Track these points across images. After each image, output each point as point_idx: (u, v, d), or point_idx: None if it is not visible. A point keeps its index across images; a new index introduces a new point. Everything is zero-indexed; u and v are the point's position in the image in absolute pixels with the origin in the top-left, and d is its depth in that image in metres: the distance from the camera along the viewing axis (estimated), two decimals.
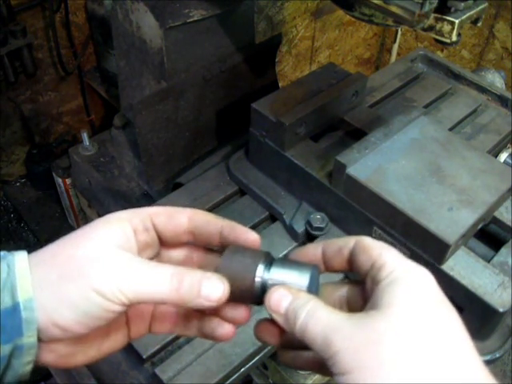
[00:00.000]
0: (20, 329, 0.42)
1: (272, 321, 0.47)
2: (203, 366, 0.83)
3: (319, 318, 0.41)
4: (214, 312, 0.50)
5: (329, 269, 0.49)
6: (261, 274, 0.47)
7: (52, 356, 0.46)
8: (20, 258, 0.44)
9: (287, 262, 0.49)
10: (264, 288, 0.47)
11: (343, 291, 0.49)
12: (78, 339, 0.46)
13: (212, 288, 0.45)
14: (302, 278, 0.46)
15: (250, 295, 0.47)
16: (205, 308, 0.46)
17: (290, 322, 0.43)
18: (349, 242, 0.47)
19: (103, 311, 0.43)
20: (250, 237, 0.50)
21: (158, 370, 0.83)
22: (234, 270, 0.47)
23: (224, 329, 0.49)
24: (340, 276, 0.89)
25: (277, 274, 0.47)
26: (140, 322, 0.53)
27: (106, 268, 0.44)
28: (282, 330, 0.47)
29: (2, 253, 0.45)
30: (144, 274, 0.45)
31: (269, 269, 0.47)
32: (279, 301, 0.44)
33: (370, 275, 0.44)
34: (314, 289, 0.47)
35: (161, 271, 0.45)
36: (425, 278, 0.43)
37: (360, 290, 0.47)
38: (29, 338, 0.43)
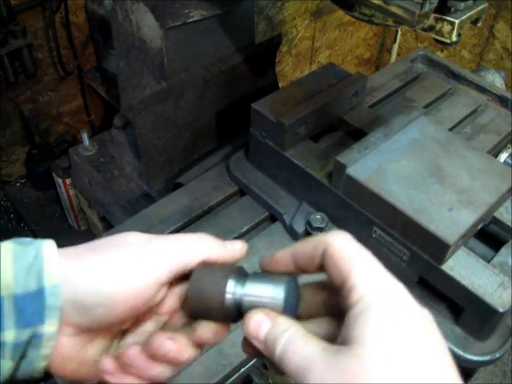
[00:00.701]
0: (42, 315, 0.41)
1: None
2: (203, 366, 0.83)
3: (295, 351, 0.40)
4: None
5: (305, 273, 0.47)
6: (232, 289, 0.45)
7: (54, 354, 0.44)
8: (48, 244, 0.44)
9: (261, 276, 0.46)
10: (238, 304, 0.45)
11: (325, 294, 0.47)
12: (81, 343, 0.45)
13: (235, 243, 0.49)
14: (277, 292, 0.44)
15: (222, 312, 0.45)
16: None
17: (269, 350, 0.42)
18: (318, 247, 0.44)
19: (129, 297, 0.44)
20: (220, 254, 0.50)
21: None
22: (204, 288, 0.45)
23: None
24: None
25: (251, 288, 0.45)
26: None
27: (133, 254, 0.45)
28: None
29: (26, 239, 0.45)
30: (184, 240, 0.47)
31: (242, 284, 0.45)
32: (258, 327, 0.43)
33: (341, 294, 0.41)
34: (293, 301, 0.45)
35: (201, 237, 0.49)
36: (398, 300, 0.39)
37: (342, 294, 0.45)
38: (50, 327, 0.42)
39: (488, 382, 1.83)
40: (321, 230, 0.97)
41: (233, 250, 0.49)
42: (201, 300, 0.45)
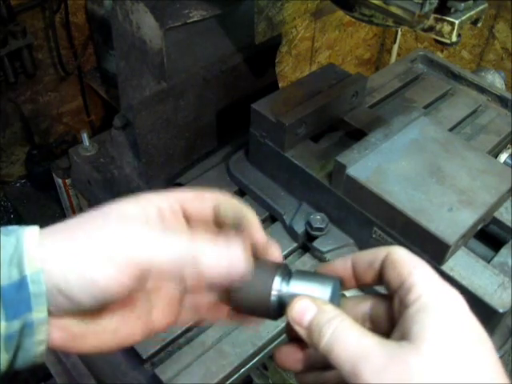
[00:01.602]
0: (28, 303, 0.40)
1: (293, 344, 0.45)
2: (203, 366, 0.83)
3: (347, 342, 0.38)
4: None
5: (360, 284, 0.46)
6: (278, 287, 0.44)
7: (62, 336, 0.43)
8: (30, 230, 0.43)
9: (307, 274, 0.46)
10: (281, 302, 0.44)
11: (366, 307, 0.46)
12: (90, 316, 0.44)
13: (238, 257, 0.43)
14: (323, 291, 0.44)
15: (266, 309, 0.45)
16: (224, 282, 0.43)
17: (314, 339, 0.41)
18: (379, 254, 0.44)
19: (112, 281, 0.41)
20: (260, 240, 0.47)
21: (157, 371, 0.83)
22: (250, 283, 0.44)
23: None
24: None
25: (296, 286, 0.44)
26: (167, 312, 0.49)
27: (116, 233, 0.42)
28: (306, 355, 0.45)
29: (12, 227, 0.44)
30: (159, 239, 0.42)
31: (287, 281, 0.45)
32: (302, 312, 0.42)
33: (398, 295, 0.41)
34: (336, 302, 0.44)
35: (176, 237, 0.43)
36: (455, 304, 0.40)
37: (385, 307, 0.44)
38: (38, 313, 0.41)
39: None
40: (321, 230, 0.97)
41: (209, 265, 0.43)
42: (246, 295, 0.45)
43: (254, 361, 0.87)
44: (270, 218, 1.07)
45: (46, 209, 2.21)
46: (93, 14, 1.97)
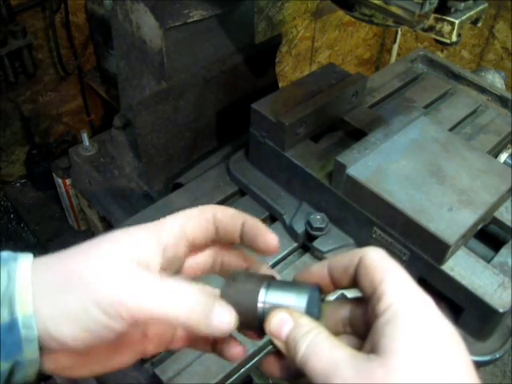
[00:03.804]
0: (20, 346, 0.40)
1: (277, 354, 0.46)
2: (203, 366, 0.83)
3: (320, 355, 0.39)
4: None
5: (337, 287, 0.47)
6: (263, 299, 0.44)
7: (52, 367, 0.44)
8: (23, 264, 0.41)
9: (285, 283, 0.46)
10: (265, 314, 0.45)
11: (346, 311, 0.46)
12: (80, 354, 0.44)
13: (223, 317, 0.42)
14: (299, 301, 0.44)
15: (255, 322, 0.45)
16: (212, 336, 0.44)
17: (291, 352, 0.41)
18: (354, 258, 0.44)
19: (103, 328, 0.40)
20: (269, 240, 0.47)
21: (157, 371, 0.83)
22: (237, 297, 0.45)
23: (235, 349, 0.49)
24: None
25: (273, 296, 0.45)
26: (159, 341, 0.50)
27: (109, 280, 0.40)
28: (288, 364, 0.46)
29: (5, 254, 0.42)
30: (153, 289, 0.41)
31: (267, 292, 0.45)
32: (280, 326, 0.42)
33: (370, 303, 0.41)
34: (314, 310, 0.45)
35: (173, 288, 0.42)
36: (425, 312, 0.39)
37: (363, 311, 0.44)
38: (29, 355, 0.40)
39: (488, 383, 1.83)
40: (321, 230, 0.97)
41: (218, 327, 0.43)
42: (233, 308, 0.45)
43: (254, 361, 0.87)
44: (270, 218, 1.07)
45: (46, 209, 2.21)
46: (93, 14, 1.97)
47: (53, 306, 0.40)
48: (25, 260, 0.42)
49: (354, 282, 0.44)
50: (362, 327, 0.44)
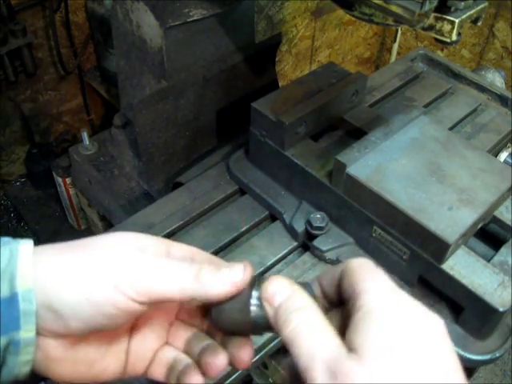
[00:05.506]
0: (18, 321, 0.40)
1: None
2: None
3: (308, 339, 0.38)
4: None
5: (329, 302, 0.46)
6: (255, 301, 0.44)
7: (40, 356, 0.43)
8: (24, 245, 0.43)
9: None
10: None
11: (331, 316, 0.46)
12: (70, 342, 0.44)
13: (232, 271, 0.44)
14: None
15: (249, 324, 0.45)
16: (225, 295, 0.44)
17: (279, 324, 0.40)
18: (339, 268, 0.44)
19: (106, 300, 0.42)
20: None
21: None
22: (229, 303, 0.45)
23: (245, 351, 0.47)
24: None
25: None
26: (139, 359, 0.50)
27: (123, 261, 0.43)
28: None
29: (7, 238, 0.43)
30: (162, 267, 0.43)
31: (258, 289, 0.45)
32: (275, 292, 0.42)
33: (349, 303, 0.41)
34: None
35: (179, 264, 0.44)
36: (400, 306, 0.39)
37: (342, 318, 0.44)
38: (26, 333, 0.41)
39: (488, 382, 1.83)
40: (321, 229, 0.97)
41: (209, 283, 0.44)
42: (228, 315, 0.45)
43: (254, 360, 0.87)
44: (270, 217, 1.07)
45: (46, 208, 2.21)
46: (93, 13, 1.97)
47: (57, 279, 0.42)
48: (27, 241, 0.44)
49: (339, 292, 0.44)
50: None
